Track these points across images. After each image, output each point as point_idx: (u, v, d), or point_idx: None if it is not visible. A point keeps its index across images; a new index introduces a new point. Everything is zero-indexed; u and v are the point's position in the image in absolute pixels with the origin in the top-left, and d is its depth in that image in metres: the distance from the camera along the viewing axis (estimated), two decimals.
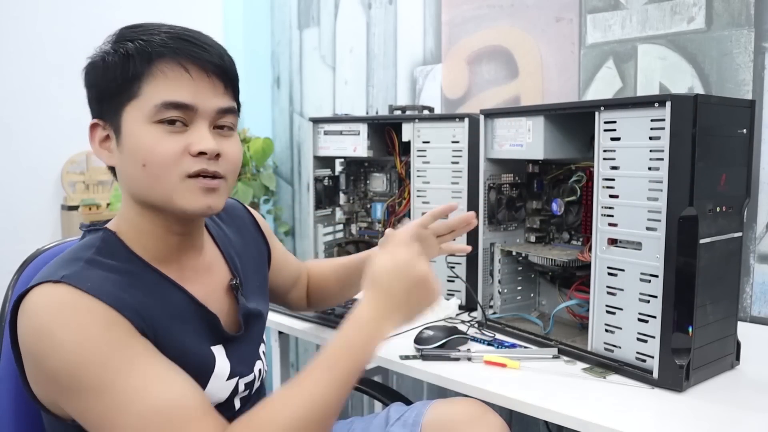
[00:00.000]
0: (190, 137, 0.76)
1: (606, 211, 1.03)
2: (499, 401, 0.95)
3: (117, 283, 0.73)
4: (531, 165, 1.32)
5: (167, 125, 0.76)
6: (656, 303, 0.95)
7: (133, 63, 0.75)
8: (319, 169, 1.70)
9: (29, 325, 0.70)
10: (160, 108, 0.75)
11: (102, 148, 0.81)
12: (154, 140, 0.75)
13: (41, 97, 2.18)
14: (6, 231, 2.09)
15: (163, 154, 0.75)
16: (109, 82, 0.77)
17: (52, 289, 0.70)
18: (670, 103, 0.91)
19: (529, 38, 1.71)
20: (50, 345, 0.68)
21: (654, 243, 0.95)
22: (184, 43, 0.77)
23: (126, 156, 0.77)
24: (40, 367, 0.70)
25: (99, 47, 0.80)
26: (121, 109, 0.77)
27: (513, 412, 0.96)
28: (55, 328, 0.68)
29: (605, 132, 1.02)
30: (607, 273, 1.04)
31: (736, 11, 1.33)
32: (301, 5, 2.43)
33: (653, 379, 0.95)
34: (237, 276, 0.91)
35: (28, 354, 0.71)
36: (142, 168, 0.76)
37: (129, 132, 0.76)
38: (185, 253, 0.85)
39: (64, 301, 0.69)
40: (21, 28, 2.13)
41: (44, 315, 0.69)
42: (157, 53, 0.76)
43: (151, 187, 0.77)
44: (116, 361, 0.68)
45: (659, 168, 0.94)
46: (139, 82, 0.76)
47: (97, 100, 0.80)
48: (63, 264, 0.74)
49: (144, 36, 0.77)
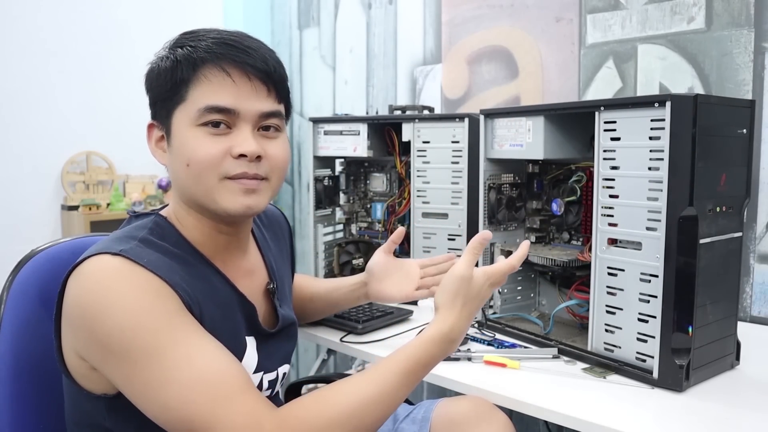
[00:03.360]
0: (233, 139, 0.80)
1: (606, 211, 1.03)
2: (499, 401, 0.95)
3: (168, 263, 0.77)
4: (531, 165, 1.32)
5: (211, 128, 0.80)
6: (656, 303, 0.95)
7: (180, 69, 0.80)
8: (319, 169, 1.70)
9: (85, 287, 0.72)
10: (203, 112, 0.79)
11: (157, 147, 0.86)
12: (197, 142, 0.80)
13: (41, 97, 2.18)
14: (6, 231, 2.09)
15: (204, 155, 0.79)
16: (160, 86, 0.82)
17: (110, 259, 0.73)
18: (670, 103, 0.91)
19: (529, 38, 1.71)
20: (106, 306, 0.70)
21: (654, 243, 0.95)
22: (227, 47, 0.80)
23: (174, 156, 0.82)
24: (92, 330, 0.71)
25: (157, 53, 0.84)
26: (172, 112, 0.81)
27: (513, 412, 0.96)
28: (113, 291, 0.71)
29: (605, 132, 1.02)
30: (607, 273, 1.04)
31: (736, 11, 1.33)
32: (301, 5, 2.43)
33: (653, 379, 0.95)
34: (274, 280, 0.95)
35: (79, 318, 0.72)
36: (186, 168, 0.81)
37: (177, 134, 0.81)
38: (230, 253, 0.88)
39: (122, 269, 0.72)
40: (21, 28, 2.13)
41: (103, 278, 0.71)
42: (202, 59, 0.80)
43: (194, 186, 0.81)
44: (168, 330, 0.70)
45: (659, 168, 0.94)
46: (186, 87, 0.80)
47: (152, 104, 0.85)
48: (118, 241, 0.77)
49: (192, 42, 0.81)
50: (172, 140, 0.82)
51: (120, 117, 2.26)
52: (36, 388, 0.92)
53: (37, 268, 0.94)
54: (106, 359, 0.71)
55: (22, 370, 0.91)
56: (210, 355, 0.71)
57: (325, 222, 1.71)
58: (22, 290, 0.93)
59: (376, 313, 1.31)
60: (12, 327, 0.91)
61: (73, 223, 2.18)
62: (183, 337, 0.71)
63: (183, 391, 0.68)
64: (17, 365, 0.90)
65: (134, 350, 0.69)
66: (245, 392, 0.70)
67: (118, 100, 2.23)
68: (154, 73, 0.83)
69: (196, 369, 0.69)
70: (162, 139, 0.85)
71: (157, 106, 0.84)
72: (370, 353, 1.16)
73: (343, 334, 1.24)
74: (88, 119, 2.28)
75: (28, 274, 0.93)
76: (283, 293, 0.98)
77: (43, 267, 0.95)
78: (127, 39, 2.26)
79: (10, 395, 0.89)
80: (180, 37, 0.84)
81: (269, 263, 0.96)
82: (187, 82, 0.80)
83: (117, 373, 0.71)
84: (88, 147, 2.30)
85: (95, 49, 2.27)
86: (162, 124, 0.84)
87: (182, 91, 0.80)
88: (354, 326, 1.24)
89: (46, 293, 0.93)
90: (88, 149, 2.30)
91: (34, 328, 0.92)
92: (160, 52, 0.84)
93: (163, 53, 0.83)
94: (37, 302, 0.93)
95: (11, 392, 0.89)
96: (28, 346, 0.91)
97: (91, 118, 2.28)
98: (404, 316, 1.34)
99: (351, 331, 1.24)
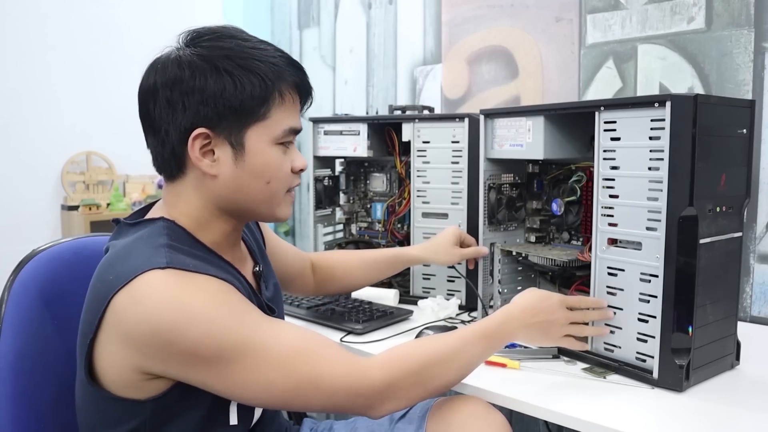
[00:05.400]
0: (290, 155, 0.88)
1: (606, 211, 1.03)
2: (499, 401, 0.95)
3: (205, 266, 0.78)
4: (531, 165, 1.32)
5: (283, 146, 0.86)
6: (656, 303, 0.95)
7: (264, 86, 0.81)
8: (319, 169, 1.70)
9: (154, 305, 0.71)
10: (287, 132, 0.85)
11: (203, 156, 0.82)
12: (279, 161, 0.85)
13: (41, 97, 2.18)
14: (6, 231, 2.10)
15: (285, 173, 0.87)
16: (239, 100, 0.80)
17: (162, 273, 0.73)
18: (670, 103, 0.91)
19: (529, 38, 1.71)
20: (185, 319, 0.71)
21: (654, 243, 0.95)
22: (296, 69, 0.86)
23: (247, 172, 0.83)
24: (173, 343, 0.71)
25: (202, 50, 0.81)
26: (246, 127, 0.82)
27: (513, 412, 0.96)
28: (185, 303, 0.72)
29: (605, 132, 1.02)
30: (607, 273, 1.04)
31: (736, 11, 1.33)
32: (301, 5, 2.43)
33: (653, 379, 0.96)
34: (259, 263, 0.98)
35: (151, 336, 0.72)
36: (265, 185, 0.85)
37: (255, 151, 0.83)
38: (235, 245, 0.92)
39: (181, 279, 0.73)
40: (21, 28, 2.13)
41: (169, 293, 0.72)
42: (282, 78, 0.83)
43: (263, 201, 0.86)
44: (246, 319, 0.75)
45: (659, 168, 0.94)
46: (267, 106, 0.82)
47: (214, 111, 0.80)
48: (150, 253, 0.76)
49: (268, 58, 0.82)
50: (246, 156, 0.82)
51: (120, 117, 2.26)
52: (36, 388, 0.92)
53: (38, 268, 0.95)
54: (194, 366, 0.73)
55: (23, 370, 0.91)
56: (287, 328, 0.78)
57: (325, 222, 1.72)
58: (23, 290, 0.93)
59: (376, 314, 1.31)
60: (13, 327, 0.91)
61: (73, 223, 2.18)
62: (260, 321, 0.77)
63: (282, 365, 0.74)
64: (18, 365, 0.90)
65: (226, 349, 0.72)
66: (332, 346, 0.79)
67: (119, 99, 2.23)
68: (220, 81, 0.79)
69: (285, 342, 0.75)
70: (208, 147, 0.81)
71: (224, 118, 0.80)
72: (370, 353, 1.16)
73: (343, 335, 1.24)
74: (88, 119, 2.28)
75: (29, 274, 0.94)
76: (267, 271, 1.01)
77: (44, 267, 0.95)
78: (128, 39, 2.26)
79: (11, 395, 0.89)
80: (244, 46, 0.82)
81: (251, 247, 1.00)
82: (268, 101, 0.82)
83: (207, 374, 0.74)
84: (88, 147, 2.30)
85: (95, 48, 2.27)
86: (224, 136, 0.81)
87: (263, 109, 0.82)
88: (354, 327, 1.24)
89: (47, 293, 0.94)
90: (88, 149, 2.30)
91: (35, 327, 0.92)
92: (212, 53, 0.80)
93: (227, 64, 0.79)
94: (38, 302, 0.93)
95: (11, 392, 0.89)
96: (29, 345, 0.91)
97: (91, 118, 2.28)
98: (404, 316, 1.34)
99: (351, 331, 1.24)
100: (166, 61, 0.82)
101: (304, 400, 0.77)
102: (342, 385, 0.77)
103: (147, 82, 0.83)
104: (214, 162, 0.82)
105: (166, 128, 0.82)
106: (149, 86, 0.82)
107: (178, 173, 0.85)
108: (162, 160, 0.85)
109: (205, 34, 0.84)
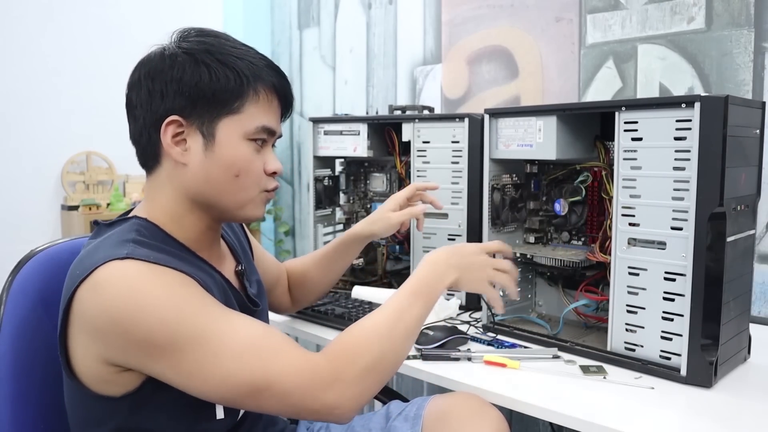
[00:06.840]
0: (264, 156, 0.87)
1: (626, 211, 1.03)
2: (499, 401, 0.95)
3: (168, 258, 0.78)
4: (529, 165, 1.32)
5: (256, 144, 0.86)
6: (681, 301, 0.96)
7: (240, 81, 0.82)
8: (319, 169, 1.70)
9: (111, 294, 0.72)
10: (259, 130, 0.85)
11: (174, 143, 0.83)
12: (249, 156, 0.85)
13: (41, 97, 2.18)
14: (6, 231, 2.10)
15: (255, 170, 0.86)
16: (210, 90, 0.82)
17: (122, 263, 0.74)
18: (699, 104, 0.91)
19: (529, 38, 1.71)
20: (141, 306, 0.72)
21: (680, 242, 0.96)
22: (275, 72, 0.87)
23: (215, 162, 0.84)
24: (129, 332, 0.72)
25: (186, 44, 0.83)
26: (219, 118, 0.83)
27: (513, 412, 0.96)
28: (142, 291, 0.72)
29: (625, 132, 1.02)
30: (628, 273, 1.03)
31: (736, 11, 1.33)
32: (301, 5, 2.43)
33: (681, 376, 0.96)
34: (241, 263, 0.99)
35: (110, 324, 0.72)
36: (233, 178, 0.84)
37: (225, 143, 0.83)
38: (213, 243, 0.93)
39: (140, 270, 0.74)
40: (21, 28, 2.13)
41: (126, 282, 0.72)
42: (261, 77, 0.84)
43: (232, 194, 0.85)
44: (204, 311, 0.75)
45: (685, 168, 0.94)
46: (242, 100, 0.83)
47: (188, 100, 0.82)
48: (114, 246, 0.77)
49: (247, 57, 0.84)
50: (216, 147, 0.83)
51: (120, 117, 2.25)
52: (36, 388, 0.92)
53: (37, 268, 0.95)
54: (150, 355, 0.73)
55: (22, 370, 0.91)
56: (247, 322, 0.77)
57: (325, 222, 1.71)
58: (22, 290, 0.93)
59: None
60: (12, 327, 0.91)
61: (73, 223, 2.18)
62: (219, 314, 0.76)
63: (236, 359, 0.73)
64: (17, 365, 0.90)
65: (180, 338, 0.72)
66: (289, 343, 0.77)
67: (119, 99, 2.23)
68: (197, 71, 0.81)
69: (241, 337, 0.75)
70: (181, 136, 0.83)
71: (197, 107, 0.82)
72: None
73: None
74: (88, 119, 2.28)
75: (28, 274, 0.94)
76: (250, 271, 1.01)
77: (43, 267, 0.95)
78: (128, 39, 2.26)
79: (10, 395, 0.89)
80: (225, 44, 0.84)
81: (233, 247, 1.00)
82: (242, 95, 0.83)
83: (164, 364, 0.73)
84: (88, 147, 2.30)
85: (95, 48, 2.27)
86: (195, 125, 0.83)
87: (237, 102, 0.83)
88: None
89: (47, 293, 0.93)
90: (88, 149, 2.30)
91: (34, 327, 0.92)
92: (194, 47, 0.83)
93: (208, 58, 0.82)
94: (38, 302, 0.93)
95: (11, 392, 0.89)
96: (28, 345, 0.91)
97: (91, 118, 2.28)
98: None
99: None
100: (152, 56, 0.85)
101: (258, 400, 0.75)
102: (293, 385, 0.74)
103: (133, 76, 0.87)
104: (186, 151, 0.83)
105: (144, 116, 0.84)
106: (135, 79, 0.86)
107: (154, 164, 0.86)
108: (141, 150, 0.87)
109: (192, 32, 0.87)
